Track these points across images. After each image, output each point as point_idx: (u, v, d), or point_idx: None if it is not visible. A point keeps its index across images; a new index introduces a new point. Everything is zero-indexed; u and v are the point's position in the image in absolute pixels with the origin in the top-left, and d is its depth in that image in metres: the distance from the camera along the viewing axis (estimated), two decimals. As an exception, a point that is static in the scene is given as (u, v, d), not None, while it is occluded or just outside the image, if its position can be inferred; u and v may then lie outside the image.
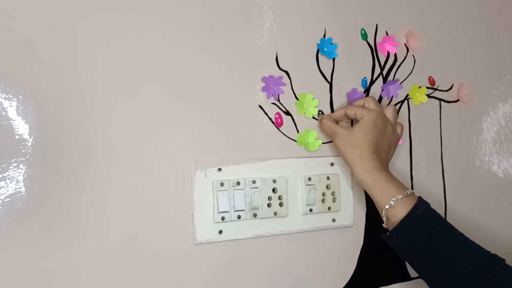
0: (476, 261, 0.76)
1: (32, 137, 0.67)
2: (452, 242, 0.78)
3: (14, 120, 0.66)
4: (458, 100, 1.05)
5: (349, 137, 0.82)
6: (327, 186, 0.88)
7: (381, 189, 0.80)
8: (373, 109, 0.84)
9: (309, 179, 0.87)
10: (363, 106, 0.86)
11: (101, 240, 0.71)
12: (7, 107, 0.66)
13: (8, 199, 0.65)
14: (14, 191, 0.66)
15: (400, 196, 0.79)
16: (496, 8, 1.13)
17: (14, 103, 0.66)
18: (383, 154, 0.84)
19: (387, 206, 0.79)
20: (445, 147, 1.03)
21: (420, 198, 0.81)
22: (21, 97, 0.67)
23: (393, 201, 0.79)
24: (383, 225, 0.83)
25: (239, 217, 0.81)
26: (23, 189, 0.66)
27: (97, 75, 0.72)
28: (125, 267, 0.73)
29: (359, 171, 0.81)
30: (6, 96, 0.66)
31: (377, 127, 0.82)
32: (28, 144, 0.67)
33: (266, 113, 0.85)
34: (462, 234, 0.79)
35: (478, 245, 0.79)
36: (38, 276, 0.67)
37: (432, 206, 1.01)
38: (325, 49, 0.89)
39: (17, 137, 0.66)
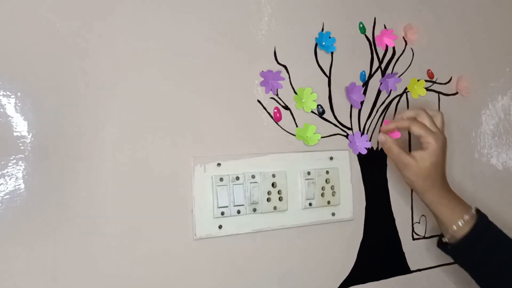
0: None
1: (31, 134, 0.67)
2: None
3: (12, 117, 0.66)
4: (457, 93, 1.05)
5: (420, 171, 0.83)
6: (326, 180, 0.88)
7: (449, 211, 0.85)
8: (437, 134, 0.84)
9: (308, 173, 0.87)
10: (415, 119, 0.85)
11: (101, 235, 0.71)
12: (5, 104, 0.66)
13: (7, 196, 0.66)
14: (13, 188, 0.66)
15: (467, 217, 0.83)
16: (495, 0, 1.12)
17: (13, 100, 0.66)
18: (445, 173, 0.87)
19: (454, 227, 0.84)
20: (444, 140, 1.03)
21: (479, 215, 0.85)
22: (19, 94, 0.67)
23: (461, 222, 0.83)
24: (444, 239, 0.87)
25: (238, 212, 0.81)
26: (22, 186, 0.66)
27: (96, 71, 0.72)
28: (125, 262, 0.73)
29: (430, 198, 0.85)
30: (4, 93, 0.66)
31: (443, 154, 0.84)
32: (27, 141, 0.67)
33: (264, 108, 0.85)
34: None
35: None
36: (38, 271, 0.67)
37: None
38: (323, 43, 0.89)
39: (15, 134, 0.66)
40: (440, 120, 0.88)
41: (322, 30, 0.90)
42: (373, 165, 0.95)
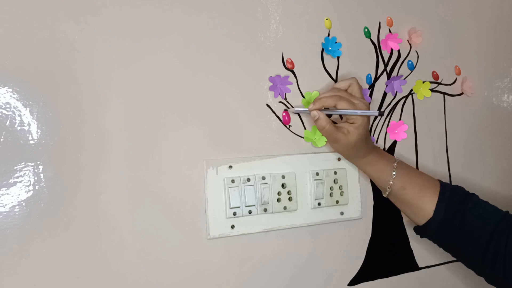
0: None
1: (53, 141, 0.71)
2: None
3: (35, 125, 0.70)
4: (462, 93, 1.07)
5: (348, 143, 0.84)
6: (334, 181, 0.91)
7: (379, 171, 0.89)
8: (360, 105, 0.84)
9: (317, 174, 0.90)
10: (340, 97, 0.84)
11: (119, 236, 0.75)
12: (29, 113, 0.70)
13: (32, 200, 0.70)
14: (37, 192, 0.70)
15: (394, 174, 0.88)
16: (499, 1, 1.14)
17: (35, 109, 0.70)
18: (369, 136, 0.90)
19: (390, 182, 0.88)
20: (450, 139, 1.05)
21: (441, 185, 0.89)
22: (41, 103, 0.71)
23: (391, 180, 0.88)
24: (385, 194, 0.91)
25: (250, 212, 0.84)
26: (46, 189, 0.70)
27: (111, 80, 0.75)
28: (142, 261, 0.76)
29: (359, 163, 0.90)
30: (27, 103, 0.70)
31: (368, 123, 0.86)
32: (50, 147, 0.71)
33: (274, 112, 0.88)
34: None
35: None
36: (62, 271, 0.71)
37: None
38: (330, 48, 0.92)
39: (39, 140, 0.70)
40: (357, 87, 0.87)
41: (328, 35, 0.92)
42: (380, 165, 0.97)
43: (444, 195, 0.87)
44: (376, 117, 0.97)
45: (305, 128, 0.90)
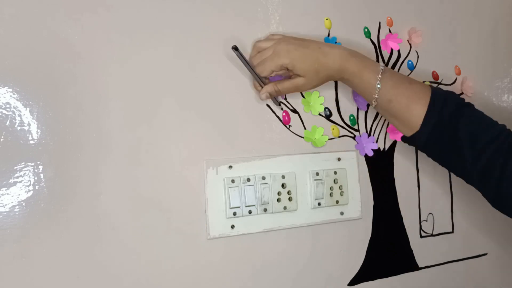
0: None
1: (53, 141, 0.71)
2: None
3: (35, 125, 0.70)
4: (462, 93, 1.07)
5: (308, 77, 0.81)
6: (334, 181, 0.91)
7: (360, 77, 0.82)
8: (273, 46, 0.82)
9: (317, 174, 0.90)
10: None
11: (119, 235, 0.75)
12: (29, 113, 0.70)
13: (32, 200, 0.69)
14: (37, 192, 0.70)
15: (379, 76, 0.81)
16: (499, 1, 1.14)
17: (35, 109, 0.70)
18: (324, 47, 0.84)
19: (377, 88, 0.82)
20: (450, 139, 1.05)
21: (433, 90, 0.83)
22: (41, 103, 0.71)
23: (378, 83, 0.82)
24: (372, 106, 0.85)
25: (250, 212, 0.84)
26: (46, 189, 0.70)
27: (111, 80, 0.75)
28: (142, 261, 0.76)
29: (341, 76, 0.83)
30: (27, 103, 0.70)
31: (297, 41, 0.82)
32: (50, 147, 0.71)
33: (274, 112, 0.88)
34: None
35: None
36: (62, 271, 0.71)
37: (440, 200, 1.03)
38: (330, 48, 0.92)
39: (39, 140, 0.70)
40: (264, 39, 0.85)
41: (328, 35, 0.92)
42: (380, 165, 0.97)
43: (433, 107, 0.81)
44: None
45: (305, 128, 0.90)
